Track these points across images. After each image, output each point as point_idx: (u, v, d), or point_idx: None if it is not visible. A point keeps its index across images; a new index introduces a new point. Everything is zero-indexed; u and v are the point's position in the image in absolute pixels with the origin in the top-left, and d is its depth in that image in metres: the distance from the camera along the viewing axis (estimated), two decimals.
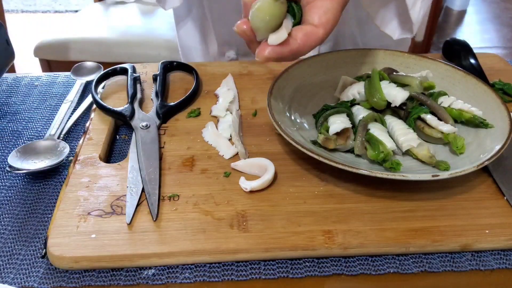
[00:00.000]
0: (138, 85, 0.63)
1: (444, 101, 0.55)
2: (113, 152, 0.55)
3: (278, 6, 0.39)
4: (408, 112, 0.53)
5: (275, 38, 0.40)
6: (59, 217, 0.44)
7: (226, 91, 0.61)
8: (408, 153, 0.51)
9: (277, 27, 0.40)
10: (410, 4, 0.56)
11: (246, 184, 0.47)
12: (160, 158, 0.51)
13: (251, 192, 0.47)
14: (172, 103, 0.60)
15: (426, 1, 0.60)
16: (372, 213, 0.45)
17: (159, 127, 0.56)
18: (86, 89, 0.66)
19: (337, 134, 0.50)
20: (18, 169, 0.50)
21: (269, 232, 0.43)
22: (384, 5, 0.63)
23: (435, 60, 0.62)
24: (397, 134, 0.51)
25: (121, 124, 0.59)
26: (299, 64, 0.60)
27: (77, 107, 0.62)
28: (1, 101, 0.65)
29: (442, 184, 0.48)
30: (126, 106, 0.58)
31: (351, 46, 0.77)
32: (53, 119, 0.60)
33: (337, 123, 0.51)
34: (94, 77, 0.66)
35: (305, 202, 0.46)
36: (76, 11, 3.04)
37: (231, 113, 0.58)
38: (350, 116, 0.53)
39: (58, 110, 0.61)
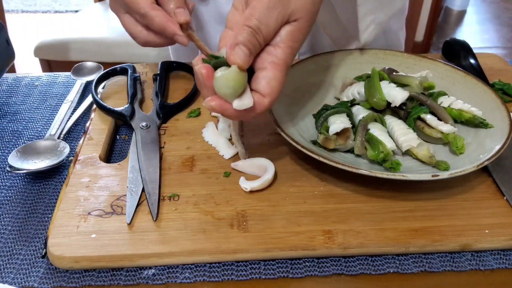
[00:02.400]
0: (138, 85, 0.63)
1: (444, 101, 0.55)
2: (113, 152, 0.55)
3: (239, 72, 0.42)
4: (408, 112, 0.53)
5: (240, 105, 0.42)
6: (59, 217, 0.44)
7: None
8: (408, 153, 0.51)
9: (242, 90, 0.42)
10: (361, 17, 0.57)
11: (246, 184, 0.47)
12: (160, 158, 0.51)
13: (251, 192, 0.47)
14: (172, 103, 0.60)
15: (381, 17, 0.61)
16: (372, 213, 0.45)
17: (159, 127, 0.56)
18: (86, 89, 0.66)
19: (337, 134, 0.50)
20: (18, 169, 0.50)
21: (269, 232, 0.43)
22: (335, 18, 0.64)
23: (435, 60, 0.62)
24: (397, 134, 0.51)
25: (121, 124, 0.59)
26: (299, 64, 0.60)
27: (77, 107, 0.62)
28: (2, 101, 0.65)
29: (442, 184, 0.48)
30: (126, 106, 0.58)
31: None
32: (53, 119, 0.60)
33: (337, 123, 0.51)
34: (94, 77, 0.66)
35: (305, 202, 0.46)
36: (76, 11, 3.04)
37: None
38: (350, 116, 0.53)
39: (58, 110, 0.61)
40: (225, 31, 0.47)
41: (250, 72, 0.44)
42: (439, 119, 0.52)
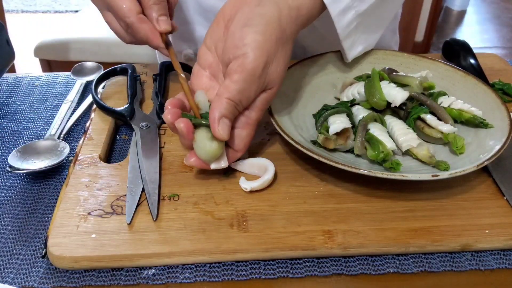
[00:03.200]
0: (138, 85, 0.63)
1: (444, 101, 0.55)
2: (113, 152, 0.55)
3: (221, 144, 0.46)
4: (408, 112, 0.53)
5: (217, 167, 0.47)
6: (59, 217, 0.44)
7: None
8: (408, 153, 0.51)
9: (220, 154, 0.46)
10: (347, 49, 0.58)
11: (246, 184, 0.47)
12: (160, 158, 0.51)
13: (251, 192, 0.47)
14: None
15: (369, 43, 0.61)
16: (372, 213, 0.45)
17: (159, 127, 0.56)
18: (86, 89, 0.66)
19: (337, 134, 0.50)
20: (18, 169, 0.50)
21: (269, 232, 0.43)
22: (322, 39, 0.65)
23: (435, 60, 0.62)
24: (397, 134, 0.51)
25: (121, 124, 0.59)
26: (299, 64, 0.60)
27: (77, 107, 0.62)
28: (1, 101, 0.65)
29: (442, 184, 0.48)
30: (126, 106, 0.58)
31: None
32: (53, 119, 0.60)
33: (337, 123, 0.51)
34: (94, 77, 0.66)
35: (305, 202, 0.46)
36: (76, 11, 3.04)
37: None
38: (350, 116, 0.53)
39: (58, 110, 0.61)
40: (197, 68, 0.50)
41: None
42: (439, 119, 0.52)
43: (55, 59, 1.71)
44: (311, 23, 0.51)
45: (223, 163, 0.47)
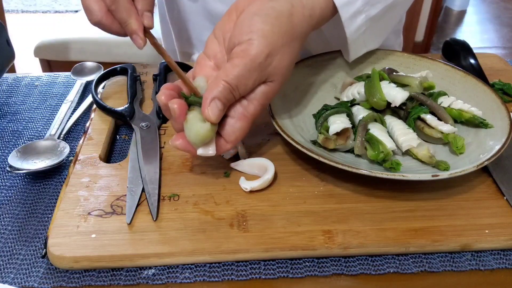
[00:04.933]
0: (138, 85, 0.63)
1: (444, 101, 0.55)
2: (113, 152, 0.55)
3: (213, 127, 0.44)
4: (408, 112, 0.53)
5: (203, 153, 0.45)
6: (59, 217, 0.44)
7: None
8: (408, 153, 0.51)
9: (209, 138, 0.44)
10: (353, 51, 0.58)
11: (246, 184, 0.47)
12: (160, 158, 0.51)
13: (251, 192, 0.47)
14: None
15: (374, 44, 0.61)
16: (372, 213, 0.45)
17: (159, 127, 0.56)
18: (86, 89, 0.66)
19: (337, 134, 0.50)
20: (18, 169, 0.50)
21: (269, 232, 0.43)
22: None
23: (435, 60, 0.62)
24: (397, 134, 0.51)
25: (121, 124, 0.59)
26: (299, 64, 0.60)
27: (77, 107, 0.62)
28: (1, 101, 0.65)
29: (442, 184, 0.48)
30: (126, 106, 0.58)
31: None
32: (53, 119, 0.60)
33: (337, 123, 0.51)
34: (94, 77, 0.66)
35: (305, 202, 0.46)
36: (76, 11, 3.04)
37: None
38: (350, 116, 0.53)
39: (58, 110, 0.61)
40: (202, 57, 0.49)
41: None
42: (439, 119, 0.52)
43: (55, 59, 1.71)
44: (322, 25, 0.51)
45: (211, 150, 0.45)
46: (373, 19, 0.54)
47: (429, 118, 0.52)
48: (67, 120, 0.60)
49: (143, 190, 0.47)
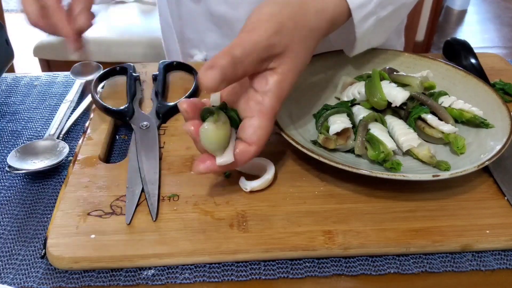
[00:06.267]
0: (137, 85, 0.63)
1: (445, 101, 0.55)
2: (112, 152, 0.55)
3: (221, 127, 0.42)
4: (408, 112, 0.53)
5: (222, 162, 0.43)
6: (58, 217, 0.44)
7: None
8: (408, 153, 0.51)
9: (226, 144, 0.43)
10: (358, 46, 0.58)
11: (246, 184, 0.47)
12: (160, 158, 0.51)
13: (251, 192, 0.47)
14: (172, 103, 0.59)
15: (378, 41, 0.61)
16: (373, 213, 0.45)
17: (159, 127, 0.56)
18: (85, 89, 0.66)
19: (338, 134, 0.50)
20: (18, 169, 0.50)
21: (269, 233, 0.43)
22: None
23: (436, 60, 0.62)
24: (397, 134, 0.51)
25: (121, 124, 0.59)
26: None
27: (77, 107, 0.62)
28: (1, 101, 0.65)
29: (442, 184, 0.48)
30: (125, 106, 0.58)
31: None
32: (52, 119, 0.60)
33: (337, 123, 0.50)
34: (93, 77, 0.66)
35: (305, 202, 0.46)
36: None
37: None
38: (350, 116, 0.53)
39: (57, 110, 0.61)
40: None
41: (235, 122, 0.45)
42: (440, 119, 0.52)
43: (54, 59, 1.71)
44: (338, 26, 0.50)
45: (228, 157, 0.43)
46: (382, 19, 0.54)
47: (429, 118, 0.52)
48: (66, 120, 0.59)
49: (142, 190, 0.47)
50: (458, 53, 0.69)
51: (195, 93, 0.62)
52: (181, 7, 0.75)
